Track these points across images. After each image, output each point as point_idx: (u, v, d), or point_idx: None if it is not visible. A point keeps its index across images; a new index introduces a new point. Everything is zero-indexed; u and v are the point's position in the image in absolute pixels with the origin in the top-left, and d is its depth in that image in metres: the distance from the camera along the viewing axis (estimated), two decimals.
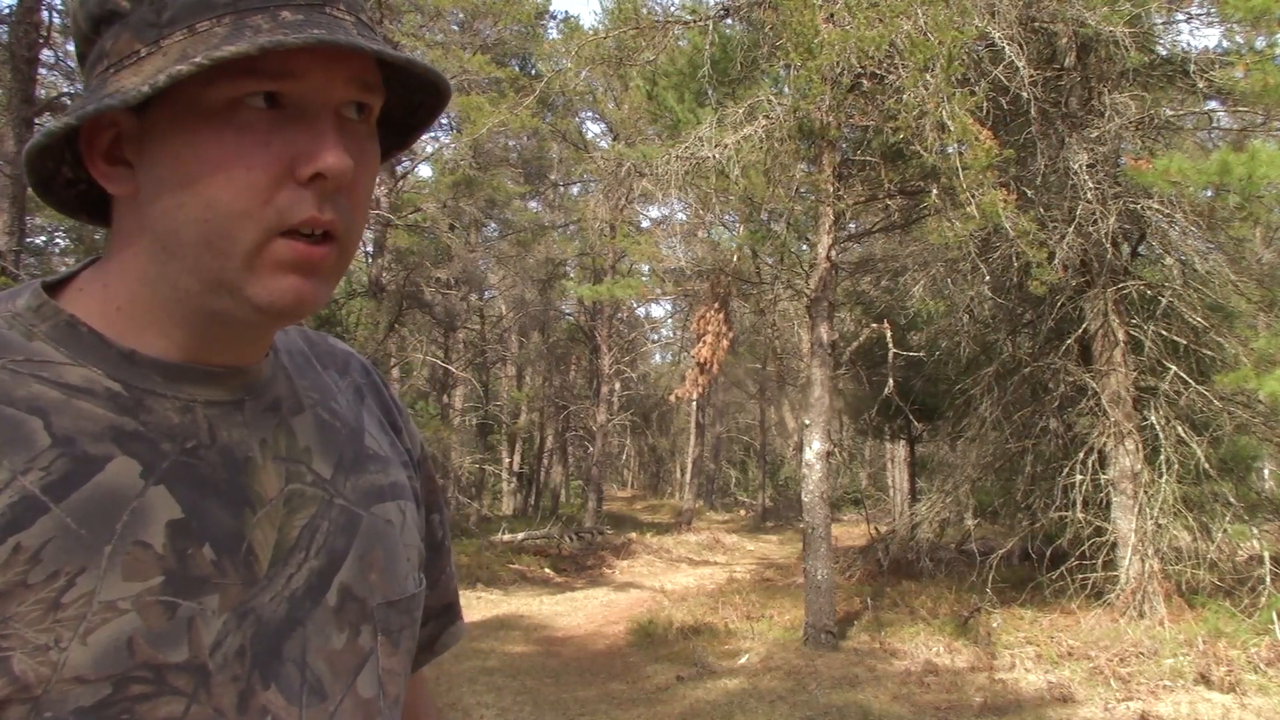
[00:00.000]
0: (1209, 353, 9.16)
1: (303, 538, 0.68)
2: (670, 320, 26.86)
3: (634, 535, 17.79)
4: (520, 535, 15.82)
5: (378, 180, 0.78)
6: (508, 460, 23.24)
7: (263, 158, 0.60)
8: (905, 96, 7.23)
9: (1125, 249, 9.68)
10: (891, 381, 9.90)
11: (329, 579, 0.69)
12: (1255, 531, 9.21)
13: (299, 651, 0.66)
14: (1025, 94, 7.92)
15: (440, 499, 0.90)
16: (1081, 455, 9.02)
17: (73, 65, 13.39)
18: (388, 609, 0.73)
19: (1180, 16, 9.78)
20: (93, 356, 0.64)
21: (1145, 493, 8.72)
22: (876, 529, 13.65)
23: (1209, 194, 8.17)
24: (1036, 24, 8.81)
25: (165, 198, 0.62)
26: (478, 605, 10.89)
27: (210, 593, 0.62)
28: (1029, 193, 8.89)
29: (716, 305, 10.37)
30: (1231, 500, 8.89)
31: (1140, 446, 8.98)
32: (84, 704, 0.56)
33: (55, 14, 9.73)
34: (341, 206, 0.63)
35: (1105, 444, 9.03)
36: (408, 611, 0.75)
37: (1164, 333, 9.04)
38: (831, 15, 7.63)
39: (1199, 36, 51.82)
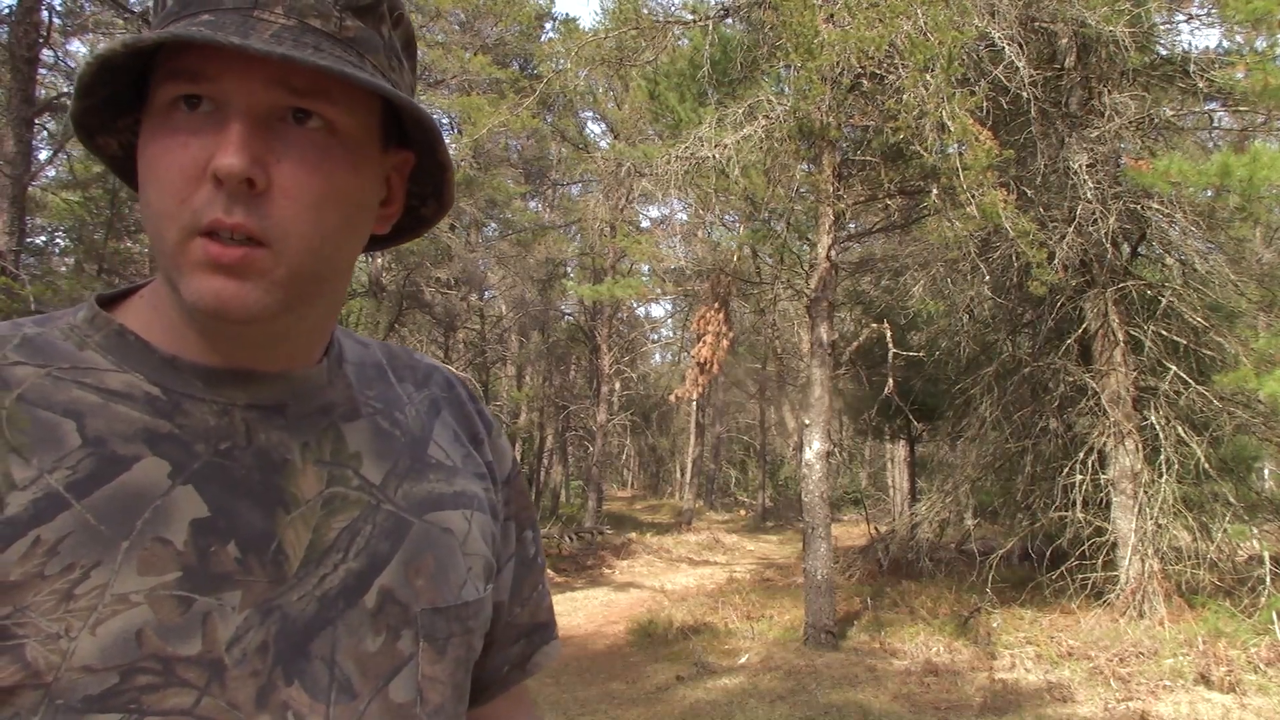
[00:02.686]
0: (1209, 353, 9.16)
1: (341, 539, 0.69)
2: (670, 320, 26.87)
3: (634, 535, 17.79)
4: None
5: None
6: None
7: (180, 159, 0.61)
8: (905, 97, 7.23)
9: (1125, 249, 9.68)
10: (891, 381, 9.91)
11: (368, 581, 0.69)
12: (1255, 531, 9.21)
13: (328, 650, 0.66)
14: (1025, 94, 7.92)
15: (532, 515, 0.90)
16: (1081, 455, 9.03)
17: (73, 65, 13.39)
18: (433, 615, 0.72)
19: (1180, 17, 9.79)
20: (137, 362, 0.66)
21: (1145, 493, 8.73)
22: (876, 529, 13.66)
23: (1209, 194, 8.18)
24: (1036, 24, 8.81)
25: (140, 197, 0.65)
26: None
27: (231, 589, 0.63)
28: (1029, 193, 8.89)
29: (716, 305, 10.37)
30: (1231, 500, 8.89)
31: (1140, 446, 8.98)
32: (91, 692, 0.57)
33: (55, 14, 9.73)
34: (263, 211, 0.61)
35: (1105, 444, 9.03)
36: (459, 619, 0.75)
37: (1164, 333, 9.04)
38: (831, 16, 7.63)
39: (1199, 36, 51.87)
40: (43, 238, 17.57)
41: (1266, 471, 16.09)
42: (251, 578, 0.64)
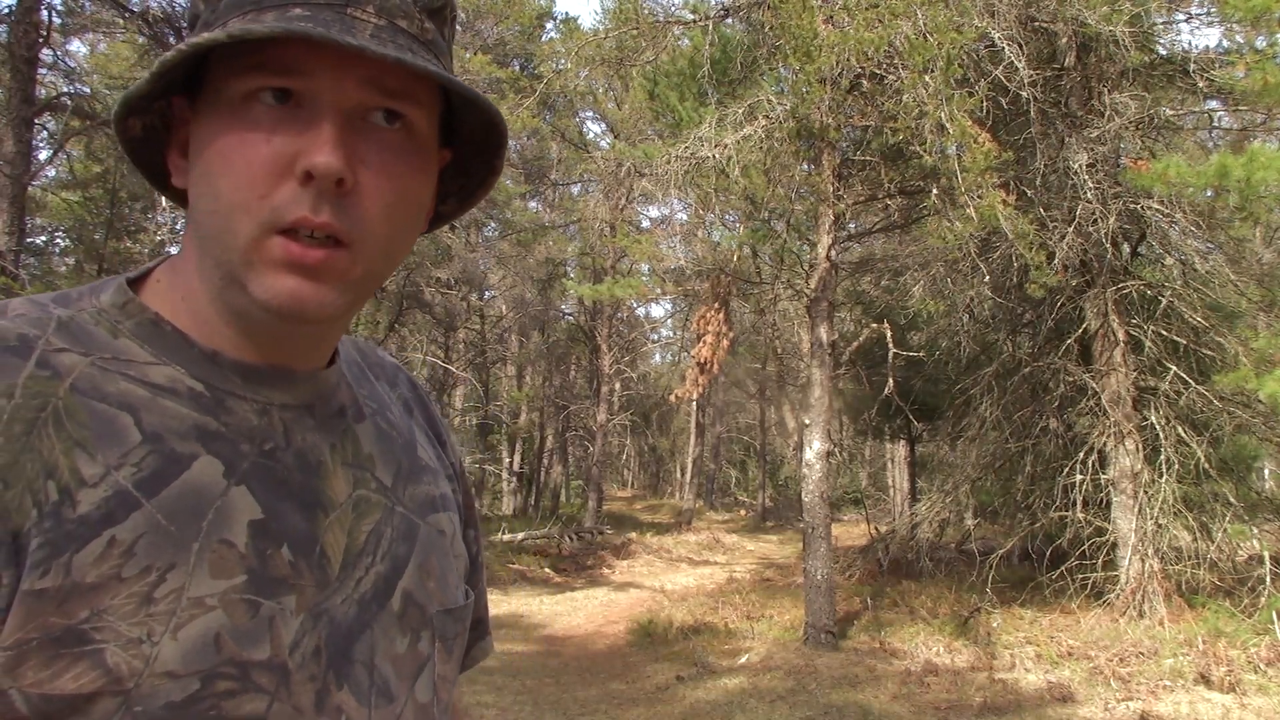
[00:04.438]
0: (1209, 353, 9.16)
1: (369, 542, 0.69)
2: (670, 320, 26.86)
3: (634, 535, 17.78)
4: (520, 535, 15.82)
5: None
6: (508, 460, 23.23)
7: (263, 153, 0.60)
8: (904, 98, 7.22)
9: (1125, 249, 9.68)
10: (891, 381, 9.90)
11: (393, 584, 0.70)
12: (1255, 531, 9.21)
13: (368, 653, 0.67)
14: (1025, 94, 7.92)
15: (475, 515, 0.91)
16: (1081, 455, 9.02)
17: (73, 65, 13.39)
18: (445, 616, 0.74)
19: (1180, 16, 9.79)
20: (176, 356, 0.65)
21: (1145, 493, 8.72)
22: (876, 529, 13.65)
23: (1209, 194, 8.17)
24: (1036, 24, 8.80)
25: (195, 188, 0.64)
26: None
27: (288, 593, 0.63)
28: (1029, 193, 8.88)
29: (716, 305, 10.36)
30: (1231, 500, 8.89)
31: (1140, 446, 8.98)
32: (174, 699, 0.57)
33: (55, 14, 9.74)
34: (348, 211, 0.61)
35: (1105, 444, 9.03)
36: (460, 620, 0.77)
37: (1164, 333, 9.04)
38: (830, 17, 7.63)
39: (1199, 36, 51.91)
40: (43, 238, 17.58)
41: (1266, 471, 16.10)
42: (303, 581, 0.64)
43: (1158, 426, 8.86)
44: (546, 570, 13.96)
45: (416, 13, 0.64)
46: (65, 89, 11.76)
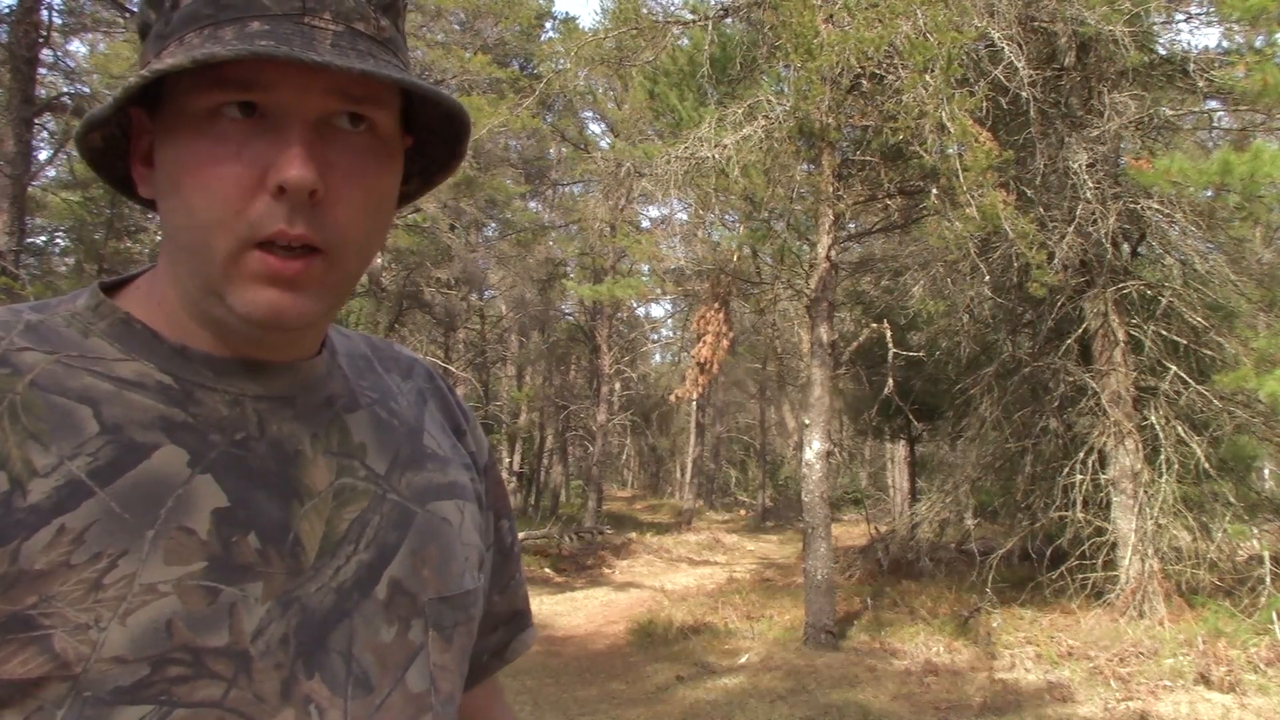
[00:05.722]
0: (1209, 353, 9.16)
1: (352, 531, 0.69)
2: (670, 320, 26.84)
3: (634, 535, 17.79)
4: (520, 535, 15.74)
5: None
6: (508, 460, 23.22)
7: (234, 168, 0.60)
8: (905, 98, 7.22)
9: (1125, 249, 9.68)
10: (891, 381, 9.90)
11: (379, 572, 0.70)
12: (1255, 531, 9.20)
13: (345, 643, 0.67)
14: (1025, 94, 7.92)
15: (508, 505, 0.91)
16: (1081, 455, 9.02)
17: (73, 65, 13.39)
18: (440, 604, 0.74)
19: (1180, 16, 9.78)
20: (146, 351, 0.66)
21: (1145, 492, 8.72)
22: (876, 529, 13.64)
23: (1209, 194, 8.17)
24: (1036, 24, 8.80)
25: (165, 202, 0.65)
26: None
27: (253, 580, 0.63)
28: (1029, 193, 8.88)
29: (716, 305, 10.37)
30: (1231, 500, 8.89)
31: (1140, 446, 8.97)
32: (122, 684, 0.57)
33: (55, 14, 9.74)
34: (322, 220, 0.62)
35: (1105, 444, 9.03)
36: (462, 608, 0.76)
37: (1164, 333, 9.03)
38: (831, 16, 7.63)
39: (1199, 36, 51.87)
40: (43, 238, 17.58)
41: (1266, 471, 16.10)
42: (271, 569, 0.64)
43: (1158, 426, 8.86)
44: (546, 570, 13.96)
45: (372, 13, 0.64)
46: (65, 89, 11.77)
